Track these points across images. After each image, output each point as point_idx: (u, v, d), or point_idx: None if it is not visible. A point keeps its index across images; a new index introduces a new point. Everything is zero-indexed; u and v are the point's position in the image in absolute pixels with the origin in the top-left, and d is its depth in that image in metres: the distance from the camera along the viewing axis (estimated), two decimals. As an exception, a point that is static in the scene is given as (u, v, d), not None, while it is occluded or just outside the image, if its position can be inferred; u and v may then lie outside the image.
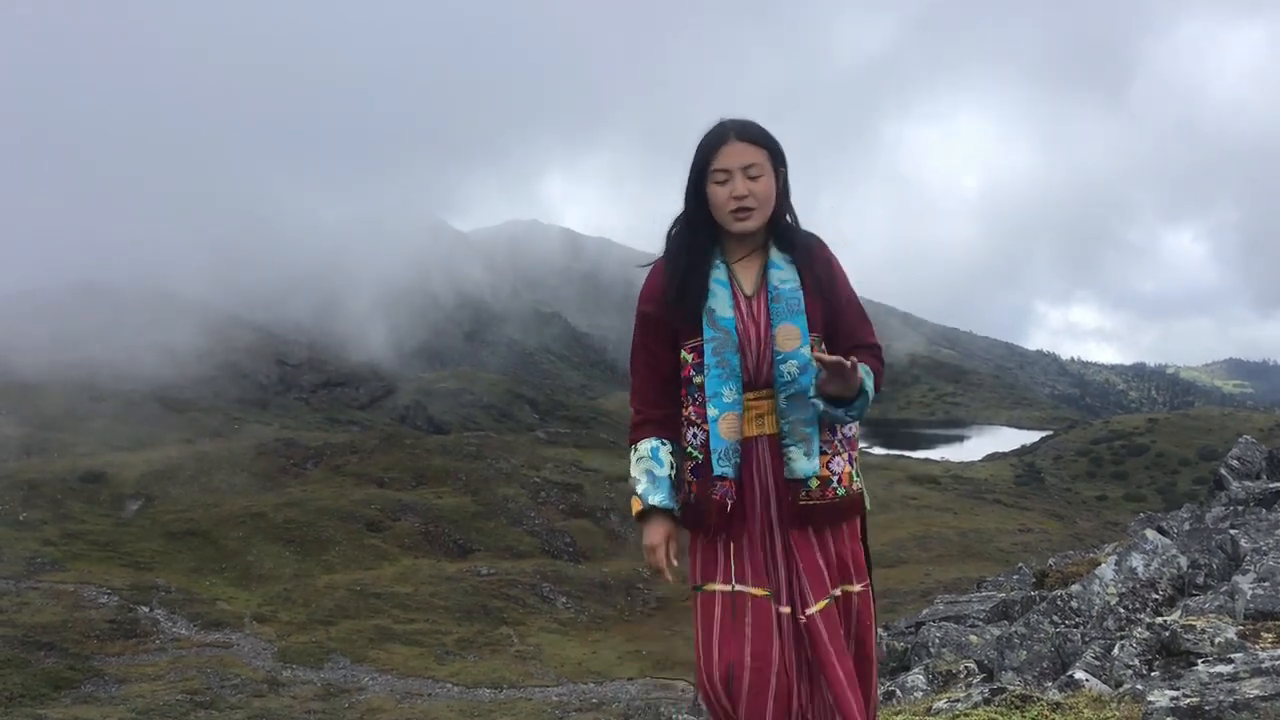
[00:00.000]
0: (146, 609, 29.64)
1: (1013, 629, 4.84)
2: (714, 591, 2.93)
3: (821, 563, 2.92)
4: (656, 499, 2.93)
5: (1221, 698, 2.77)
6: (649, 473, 2.96)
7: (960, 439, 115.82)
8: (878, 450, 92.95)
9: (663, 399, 3.00)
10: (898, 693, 4.58)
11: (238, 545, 36.62)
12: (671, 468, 2.97)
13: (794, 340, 2.88)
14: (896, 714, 3.52)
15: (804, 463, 2.88)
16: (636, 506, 2.98)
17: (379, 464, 46.46)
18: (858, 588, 2.97)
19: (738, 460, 2.90)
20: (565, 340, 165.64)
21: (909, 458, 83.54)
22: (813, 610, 2.87)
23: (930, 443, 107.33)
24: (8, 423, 53.33)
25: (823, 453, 2.92)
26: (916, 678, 4.68)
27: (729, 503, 2.89)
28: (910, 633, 6.64)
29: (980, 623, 6.09)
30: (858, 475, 3.03)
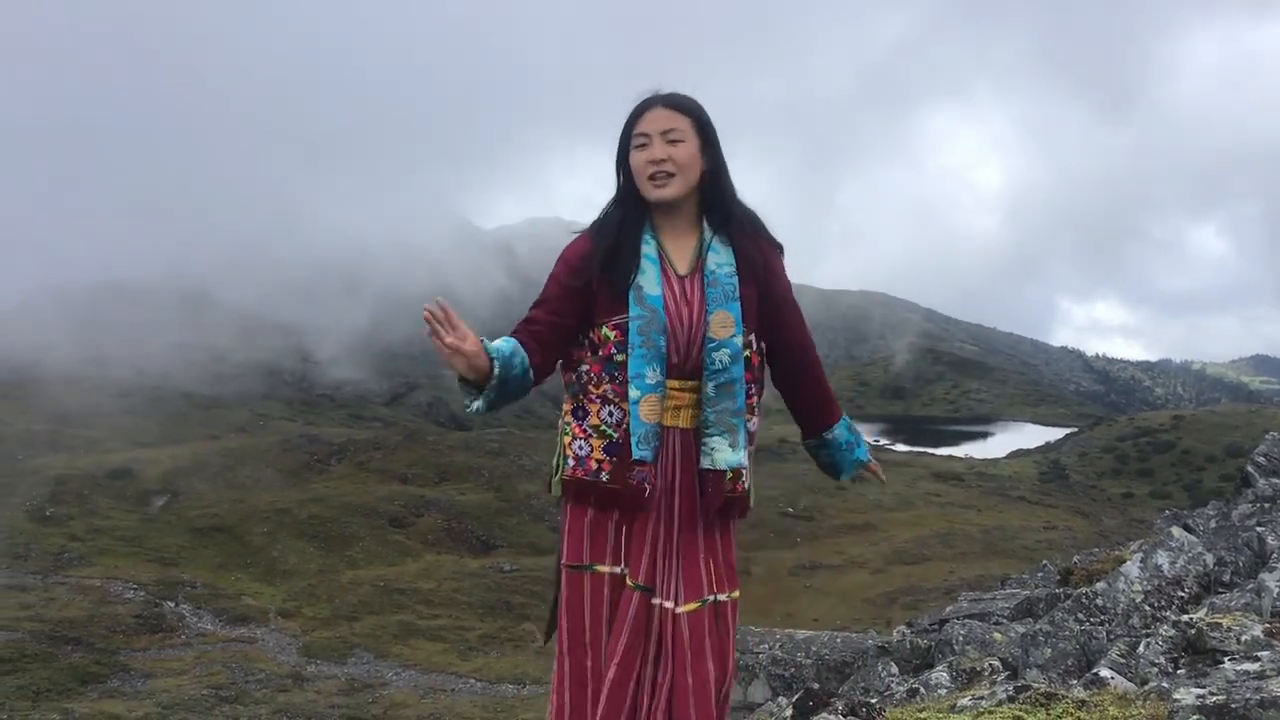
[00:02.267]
0: (172, 604, 29.87)
1: (1037, 626, 4.83)
2: (603, 574, 2.84)
3: (703, 565, 2.85)
4: (493, 345, 2.79)
5: (1249, 695, 2.76)
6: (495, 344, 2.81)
7: (984, 436, 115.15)
8: (900, 447, 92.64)
9: (533, 338, 2.83)
10: (921, 690, 4.57)
11: (263, 541, 36.85)
12: (514, 351, 2.77)
13: (728, 328, 2.79)
14: (920, 711, 3.52)
15: (729, 454, 2.80)
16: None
17: (402, 460, 46.68)
18: (726, 596, 2.89)
19: (657, 445, 2.80)
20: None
21: (932, 454, 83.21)
22: (681, 610, 2.79)
23: (954, 439, 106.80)
24: (36, 419, 53.79)
25: (744, 447, 2.85)
26: (940, 675, 4.67)
27: (647, 488, 2.79)
28: (934, 630, 6.63)
29: (1004, 620, 6.08)
30: (751, 474, 2.96)
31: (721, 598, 2.87)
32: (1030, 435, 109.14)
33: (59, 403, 57.49)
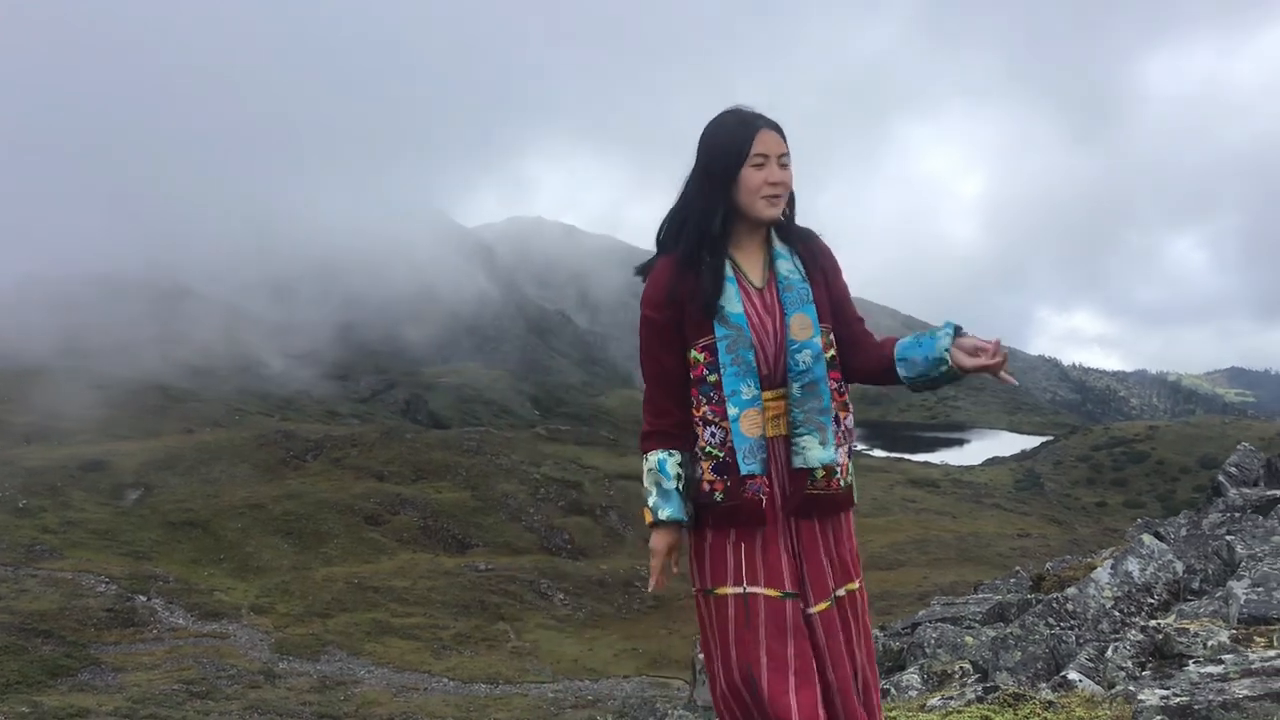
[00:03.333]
0: (144, 598, 29.69)
1: (1008, 630, 4.87)
2: (726, 595, 2.92)
3: (825, 564, 2.94)
4: (666, 513, 2.91)
5: (1211, 697, 2.79)
6: (658, 485, 2.94)
7: (960, 443, 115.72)
8: (878, 453, 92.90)
9: (672, 406, 2.97)
10: (892, 691, 4.60)
11: (236, 536, 36.67)
12: (679, 479, 2.94)
13: (807, 330, 2.89)
14: (891, 710, 3.56)
15: (819, 451, 2.87)
16: (648, 518, 2.98)
17: (379, 458, 46.51)
18: (856, 584, 3.00)
19: (764, 456, 2.87)
20: (567, 337, 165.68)
21: (909, 461, 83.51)
22: (813, 611, 2.89)
23: (930, 446, 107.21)
24: (11, 411, 53.39)
25: (834, 444, 2.91)
26: (912, 677, 4.71)
27: (762, 499, 2.86)
28: (906, 633, 6.66)
29: (976, 624, 6.12)
30: (853, 468, 3.03)
31: (841, 593, 2.97)
32: (1006, 443, 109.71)
33: (35, 394, 57.09)
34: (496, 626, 30.80)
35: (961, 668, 4.68)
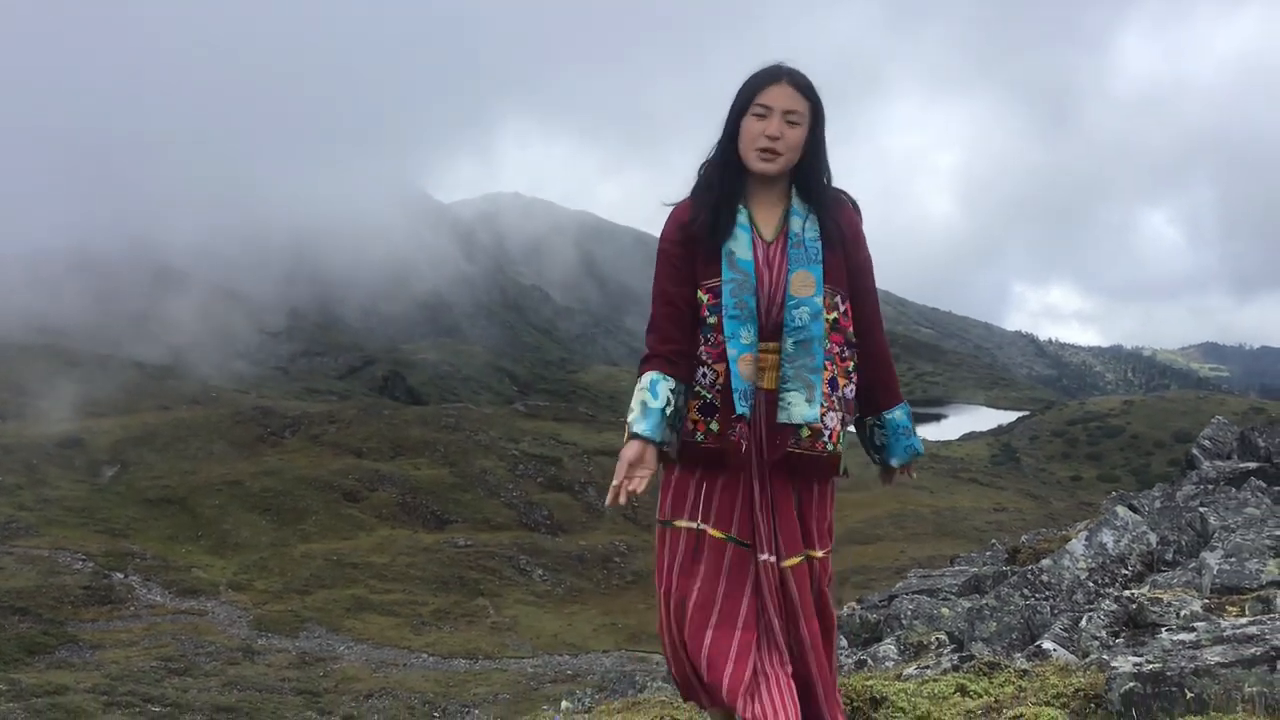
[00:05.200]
0: (122, 575, 29.60)
1: (983, 602, 4.91)
2: (680, 529, 2.95)
3: (799, 522, 2.96)
4: (640, 427, 2.86)
5: (1183, 664, 2.83)
6: (643, 403, 2.90)
7: (938, 418, 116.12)
8: (854, 429, 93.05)
9: (676, 335, 2.94)
10: (869, 661, 4.64)
11: (214, 513, 36.56)
12: (668, 403, 2.90)
13: (808, 287, 2.88)
14: (868, 680, 3.59)
15: (803, 408, 2.88)
16: (626, 433, 2.93)
17: (357, 434, 46.40)
18: (820, 554, 3.01)
19: (753, 402, 2.88)
20: (545, 313, 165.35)
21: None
22: (787, 564, 2.90)
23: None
24: (-17, 387, 52.96)
25: (821, 404, 2.91)
26: (888, 647, 4.74)
27: (744, 444, 2.86)
28: (883, 605, 6.71)
29: (952, 596, 6.16)
30: (844, 439, 3.03)
31: (816, 554, 3.00)
32: (983, 418, 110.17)
33: (10, 369, 56.63)
34: (475, 602, 30.86)
35: (938, 638, 4.71)
